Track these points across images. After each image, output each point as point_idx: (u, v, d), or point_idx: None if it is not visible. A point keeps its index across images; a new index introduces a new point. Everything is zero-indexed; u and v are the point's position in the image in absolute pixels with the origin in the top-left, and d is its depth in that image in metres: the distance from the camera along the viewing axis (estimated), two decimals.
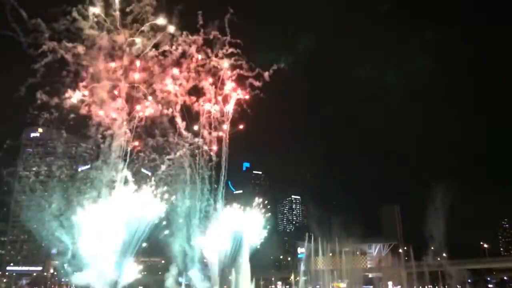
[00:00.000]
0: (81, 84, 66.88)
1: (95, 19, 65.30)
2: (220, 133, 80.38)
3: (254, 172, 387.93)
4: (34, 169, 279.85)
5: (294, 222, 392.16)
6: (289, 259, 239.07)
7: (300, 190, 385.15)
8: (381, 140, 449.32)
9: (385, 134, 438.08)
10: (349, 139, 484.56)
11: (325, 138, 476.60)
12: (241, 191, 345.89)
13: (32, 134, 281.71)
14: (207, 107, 77.81)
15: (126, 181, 78.36)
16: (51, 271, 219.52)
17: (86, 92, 67.42)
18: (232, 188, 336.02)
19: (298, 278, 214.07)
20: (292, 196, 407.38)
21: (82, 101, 67.76)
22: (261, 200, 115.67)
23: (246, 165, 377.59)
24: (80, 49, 64.73)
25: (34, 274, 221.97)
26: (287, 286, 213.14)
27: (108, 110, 69.92)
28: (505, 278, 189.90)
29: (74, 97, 66.03)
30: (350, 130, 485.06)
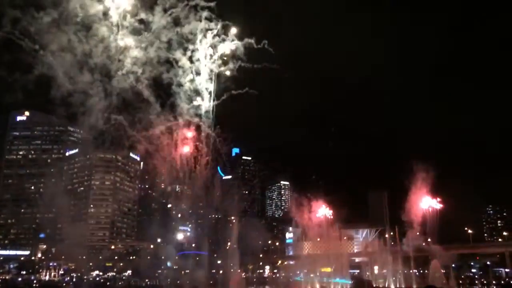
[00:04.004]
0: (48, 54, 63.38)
1: None
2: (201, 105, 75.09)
3: (243, 158, 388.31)
4: (21, 152, 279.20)
5: (282, 208, 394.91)
6: (277, 244, 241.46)
7: (289, 175, 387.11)
8: (368, 125, 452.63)
9: (373, 119, 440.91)
10: (336, 125, 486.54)
11: (314, 124, 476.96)
12: (230, 177, 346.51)
13: (19, 118, 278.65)
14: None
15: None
16: (39, 255, 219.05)
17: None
18: (221, 173, 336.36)
19: (286, 263, 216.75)
20: (281, 182, 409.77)
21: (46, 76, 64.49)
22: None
23: (235, 150, 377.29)
24: (46, 18, 61.57)
25: (22, 258, 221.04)
26: (275, 271, 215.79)
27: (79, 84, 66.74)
28: (488, 263, 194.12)
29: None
30: (338, 116, 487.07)
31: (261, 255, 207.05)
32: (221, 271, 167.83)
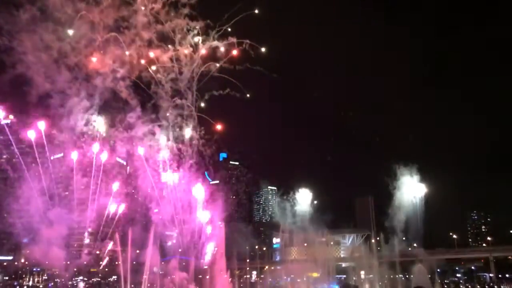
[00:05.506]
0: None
1: None
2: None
3: (231, 162, 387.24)
4: (4, 156, 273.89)
5: (270, 213, 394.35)
6: (264, 249, 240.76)
7: (277, 181, 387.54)
8: (355, 130, 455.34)
9: (360, 125, 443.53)
10: (324, 130, 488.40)
11: (302, 130, 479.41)
12: (217, 182, 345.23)
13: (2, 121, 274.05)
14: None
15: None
16: (22, 260, 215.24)
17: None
18: (208, 178, 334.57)
19: (273, 268, 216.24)
20: (269, 187, 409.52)
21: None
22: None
23: (223, 155, 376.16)
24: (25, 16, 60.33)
25: (5, 263, 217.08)
26: (262, 276, 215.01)
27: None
28: (472, 267, 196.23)
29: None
30: (325, 121, 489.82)
31: (248, 260, 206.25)
32: (207, 276, 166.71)
